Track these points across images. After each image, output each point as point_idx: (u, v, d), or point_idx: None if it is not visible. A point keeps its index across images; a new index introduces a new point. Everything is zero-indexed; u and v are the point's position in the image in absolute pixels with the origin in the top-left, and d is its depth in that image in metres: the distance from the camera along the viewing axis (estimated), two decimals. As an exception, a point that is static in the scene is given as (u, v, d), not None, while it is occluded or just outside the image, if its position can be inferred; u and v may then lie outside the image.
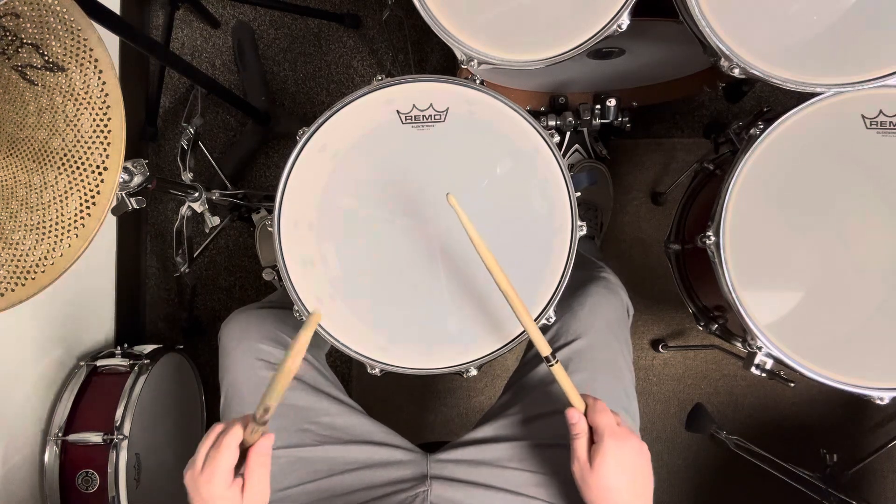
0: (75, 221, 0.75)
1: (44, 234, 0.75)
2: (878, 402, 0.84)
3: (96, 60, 0.74)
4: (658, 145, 1.58)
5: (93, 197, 0.75)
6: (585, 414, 0.70)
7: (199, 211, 1.28)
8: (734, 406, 1.60)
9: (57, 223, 0.75)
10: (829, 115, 0.85)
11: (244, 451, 0.64)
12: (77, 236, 0.75)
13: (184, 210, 1.28)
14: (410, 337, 0.86)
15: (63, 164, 0.75)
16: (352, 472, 0.85)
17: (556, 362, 0.71)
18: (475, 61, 0.86)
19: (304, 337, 0.59)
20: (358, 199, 0.85)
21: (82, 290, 1.44)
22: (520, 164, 0.85)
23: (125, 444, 1.19)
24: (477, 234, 0.69)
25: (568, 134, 1.46)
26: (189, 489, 0.63)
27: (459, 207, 0.68)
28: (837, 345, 0.85)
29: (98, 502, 1.19)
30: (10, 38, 0.74)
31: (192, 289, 1.49)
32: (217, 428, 0.65)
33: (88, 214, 0.75)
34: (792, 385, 1.01)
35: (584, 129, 1.47)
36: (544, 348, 0.71)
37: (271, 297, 1.19)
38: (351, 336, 0.86)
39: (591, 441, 0.69)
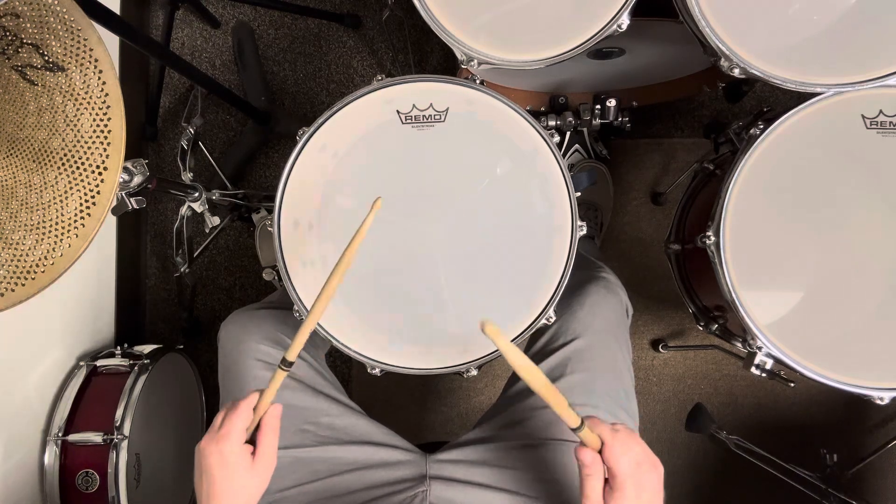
0: (75, 221, 0.75)
1: (44, 234, 0.75)
2: (878, 402, 0.84)
3: (96, 60, 0.74)
4: (658, 145, 1.58)
5: (93, 197, 0.75)
6: (601, 451, 0.62)
7: (199, 211, 1.28)
8: (734, 406, 1.60)
9: (57, 223, 0.75)
10: (829, 115, 0.85)
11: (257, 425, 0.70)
12: (77, 236, 0.75)
13: (184, 210, 1.28)
14: (410, 337, 0.86)
15: (63, 164, 0.75)
16: (351, 473, 0.85)
17: (584, 427, 0.62)
18: (475, 61, 0.86)
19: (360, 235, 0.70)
20: (358, 199, 0.85)
21: (82, 290, 1.44)
22: (520, 164, 0.85)
23: (125, 444, 1.19)
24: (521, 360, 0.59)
25: (568, 134, 1.46)
26: (203, 451, 0.66)
27: (500, 337, 0.58)
28: (837, 345, 0.85)
29: (98, 502, 1.19)
30: (10, 38, 0.74)
31: (192, 289, 1.49)
32: (231, 403, 0.70)
33: (88, 214, 0.75)
34: (792, 385, 1.01)
35: (584, 129, 1.47)
36: (573, 420, 0.62)
37: (271, 298, 1.19)
38: (351, 336, 0.86)
39: (605, 480, 0.63)
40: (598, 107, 1.24)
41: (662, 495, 0.65)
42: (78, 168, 0.75)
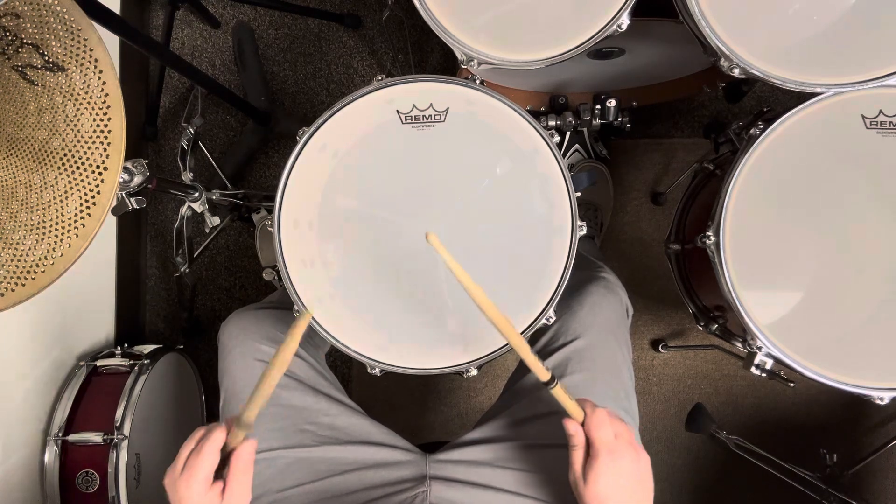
0: (75, 221, 0.75)
1: (44, 234, 0.75)
2: (878, 402, 0.84)
3: (96, 60, 0.74)
4: (658, 145, 1.58)
5: (93, 197, 0.75)
6: (584, 424, 0.68)
7: (199, 211, 1.28)
8: (734, 406, 1.60)
9: (57, 223, 0.75)
10: (829, 115, 0.85)
11: (227, 455, 0.63)
12: (77, 236, 0.75)
13: (184, 210, 1.28)
14: (410, 337, 0.86)
15: (63, 164, 0.75)
16: (351, 473, 0.85)
17: (556, 385, 0.68)
18: (475, 61, 0.86)
19: (289, 347, 0.62)
20: (358, 198, 0.85)
21: (82, 290, 1.44)
22: (520, 164, 0.85)
23: (125, 444, 1.19)
24: (462, 272, 0.66)
25: (568, 134, 1.46)
26: (168, 491, 0.63)
27: (442, 247, 0.65)
28: (838, 345, 0.85)
29: (98, 502, 1.19)
30: (10, 38, 0.74)
31: (192, 289, 1.49)
32: (199, 432, 0.64)
33: (88, 214, 0.75)
34: (792, 385, 1.01)
35: (584, 129, 1.47)
36: (543, 374, 0.68)
37: (271, 298, 1.19)
38: (351, 336, 0.86)
39: (588, 452, 0.67)
40: (598, 107, 1.24)
41: (650, 484, 0.68)
42: (78, 168, 0.75)
